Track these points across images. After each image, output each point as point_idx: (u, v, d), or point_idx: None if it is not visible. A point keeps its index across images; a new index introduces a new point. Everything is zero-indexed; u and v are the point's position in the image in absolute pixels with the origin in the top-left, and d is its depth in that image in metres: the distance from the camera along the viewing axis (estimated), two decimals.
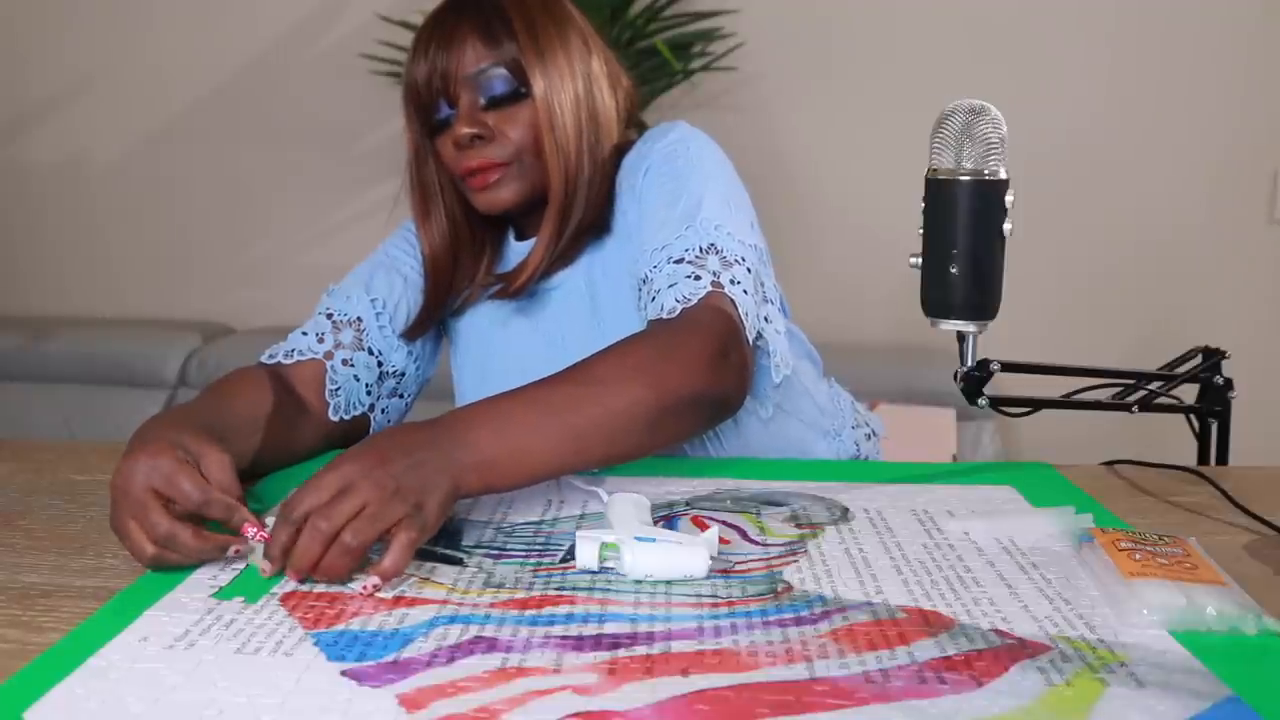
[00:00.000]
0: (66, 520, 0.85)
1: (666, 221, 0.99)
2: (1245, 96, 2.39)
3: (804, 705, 0.56)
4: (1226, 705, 0.56)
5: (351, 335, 1.09)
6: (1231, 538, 0.82)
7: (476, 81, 1.04)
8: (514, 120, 1.04)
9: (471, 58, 1.04)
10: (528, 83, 1.04)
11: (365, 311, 1.10)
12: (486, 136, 1.04)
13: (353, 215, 2.61)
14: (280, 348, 1.08)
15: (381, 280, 1.13)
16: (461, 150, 1.04)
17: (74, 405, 2.43)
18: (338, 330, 1.09)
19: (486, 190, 1.06)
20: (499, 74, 1.04)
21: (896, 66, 2.44)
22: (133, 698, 0.56)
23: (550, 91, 1.04)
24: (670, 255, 0.95)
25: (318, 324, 1.10)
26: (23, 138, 2.71)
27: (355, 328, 1.09)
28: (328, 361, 1.07)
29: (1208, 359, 1.09)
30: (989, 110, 0.88)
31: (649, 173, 1.05)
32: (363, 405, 1.09)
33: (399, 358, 1.12)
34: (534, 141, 1.05)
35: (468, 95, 1.04)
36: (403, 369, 1.13)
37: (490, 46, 1.04)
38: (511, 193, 1.06)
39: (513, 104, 1.04)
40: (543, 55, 1.04)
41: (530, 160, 1.05)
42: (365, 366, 1.09)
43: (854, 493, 0.92)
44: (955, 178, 0.88)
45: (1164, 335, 2.15)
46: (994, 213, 0.89)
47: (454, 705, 0.55)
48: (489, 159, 1.04)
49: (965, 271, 0.90)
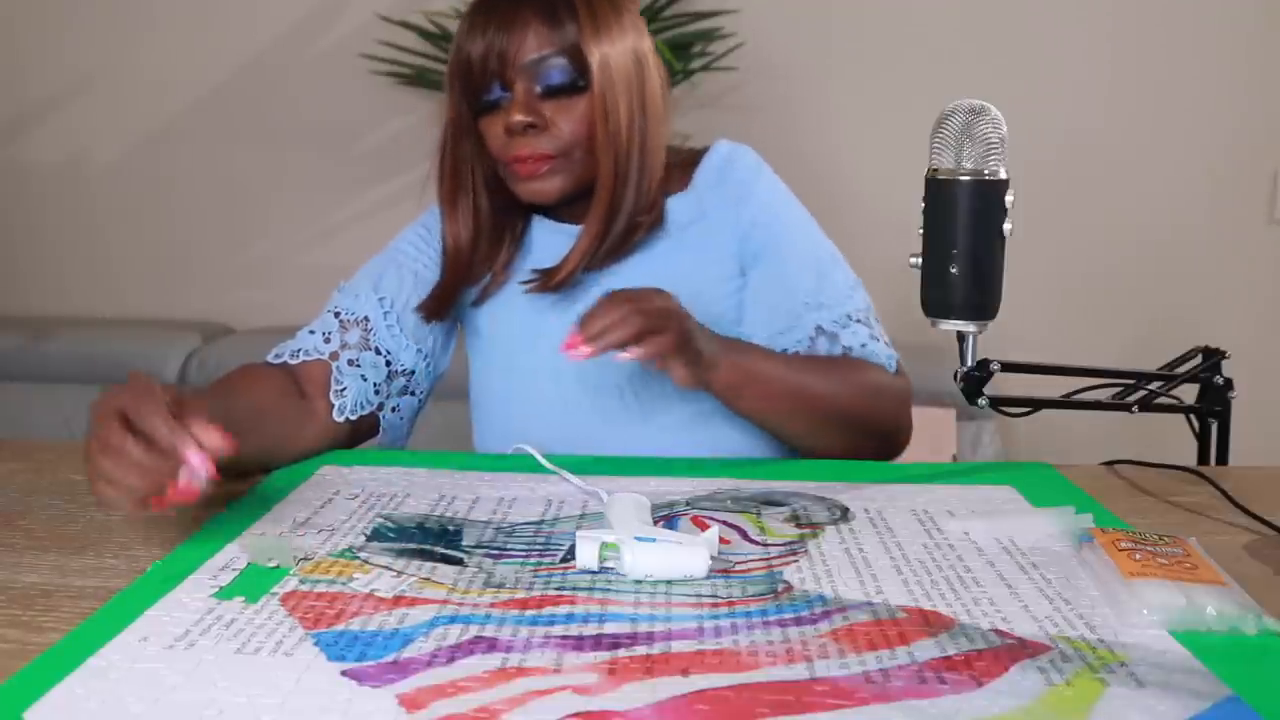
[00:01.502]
0: (66, 520, 0.85)
1: (822, 279, 1.08)
2: (1245, 97, 2.39)
3: (804, 705, 0.56)
4: (1226, 705, 0.56)
5: (358, 335, 1.08)
6: (1231, 538, 0.82)
7: (536, 69, 1.01)
8: (569, 112, 1.02)
9: (533, 43, 1.01)
10: (586, 74, 1.02)
11: (373, 311, 1.09)
12: (540, 126, 1.02)
13: (352, 215, 2.61)
14: (287, 346, 1.07)
15: (391, 278, 1.12)
16: (512, 137, 1.02)
17: (74, 405, 2.42)
18: (345, 330, 1.08)
19: (533, 180, 1.04)
20: (559, 64, 1.01)
21: (897, 66, 2.44)
22: (133, 698, 0.56)
23: (605, 82, 1.02)
24: (850, 314, 1.08)
25: (325, 323, 1.09)
26: (23, 138, 2.71)
27: (362, 327, 1.09)
28: (333, 362, 1.06)
29: (1208, 359, 1.09)
30: (989, 110, 0.88)
31: (762, 226, 1.09)
32: (370, 405, 1.08)
33: (408, 356, 1.11)
34: (587, 135, 1.03)
35: (524, 81, 1.01)
36: (412, 367, 1.11)
37: (553, 31, 1.01)
38: (558, 185, 1.05)
39: (570, 95, 1.02)
40: (601, 43, 1.02)
41: (581, 154, 1.04)
42: (372, 366, 1.08)
43: (854, 493, 0.92)
44: (955, 178, 0.88)
45: (1164, 335, 2.15)
46: (994, 213, 0.89)
47: (454, 705, 0.55)
48: (540, 150, 1.02)
49: (965, 271, 0.90)
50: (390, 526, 0.82)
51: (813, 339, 1.07)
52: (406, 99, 2.49)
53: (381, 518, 0.84)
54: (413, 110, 2.51)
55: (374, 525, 0.83)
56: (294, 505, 0.87)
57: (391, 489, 0.91)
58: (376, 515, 0.85)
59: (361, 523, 0.83)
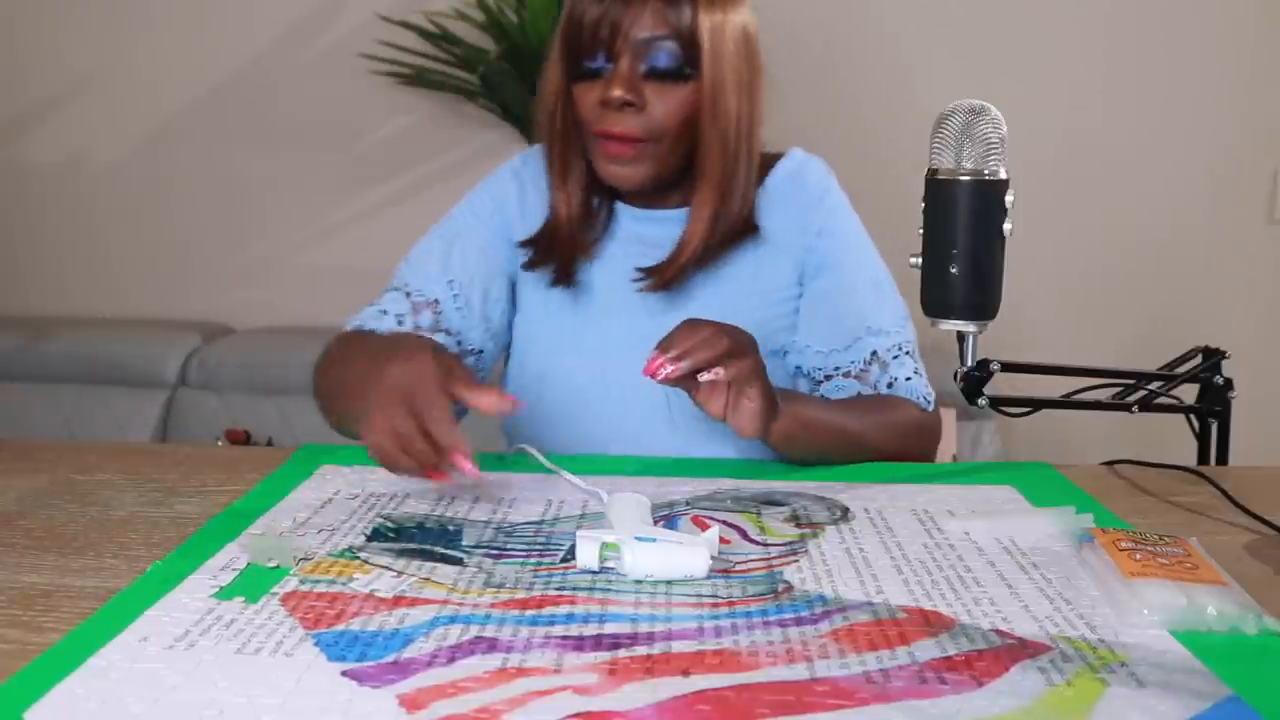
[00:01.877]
0: (66, 520, 0.85)
1: (882, 301, 1.09)
2: (1245, 96, 2.39)
3: (804, 705, 0.56)
4: (1227, 705, 0.56)
5: (430, 318, 1.09)
6: (1232, 538, 0.82)
7: (645, 47, 0.99)
8: (668, 97, 1.01)
9: (648, 21, 0.99)
10: (695, 63, 1.00)
11: (442, 293, 1.09)
12: (638, 106, 1.00)
13: (352, 215, 2.61)
14: (362, 326, 1.08)
15: (457, 257, 1.11)
16: (606, 110, 1.01)
17: (74, 405, 2.42)
18: (416, 312, 1.09)
19: (617, 163, 1.03)
20: (669, 47, 0.99)
21: (896, 66, 2.44)
22: (133, 698, 0.56)
23: (717, 74, 1.01)
24: (902, 346, 1.09)
25: (396, 303, 1.09)
26: (22, 138, 2.71)
27: (433, 309, 1.09)
28: None
29: (1208, 359, 1.09)
30: (989, 110, 0.88)
31: (827, 237, 1.10)
32: None
33: (477, 335, 1.11)
34: (680, 124, 1.02)
35: (630, 58, 1.00)
36: (481, 346, 1.12)
37: (670, 10, 0.99)
38: (641, 173, 1.04)
39: (673, 81, 1.01)
40: (716, 30, 1.00)
41: (669, 142, 1.03)
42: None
43: (854, 492, 0.92)
44: (955, 178, 0.88)
45: (1164, 335, 2.15)
46: (994, 213, 0.89)
47: (454, 706, 0.55)
48: (632, 130, 1.01)
49: (965, 271, 0.90)
50: (390, 526, 0.82)
51: (867, 363, 1.08)
52: (406, 99, 2.49)
53: (381, 518, 0.84)
54: (413, 110, 2.51)
55: (374, 525, 0.83)
56: (294, 505, 0.87)
57: (391, 489, 0.91)
58: (376, 515, 0.85)
59: (361, 523, 0.83)
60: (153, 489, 0.92)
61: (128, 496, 0.91)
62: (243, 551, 0.76)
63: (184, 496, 0.90)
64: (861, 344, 1.08)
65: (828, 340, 1.09)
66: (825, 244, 1.11)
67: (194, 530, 0.81)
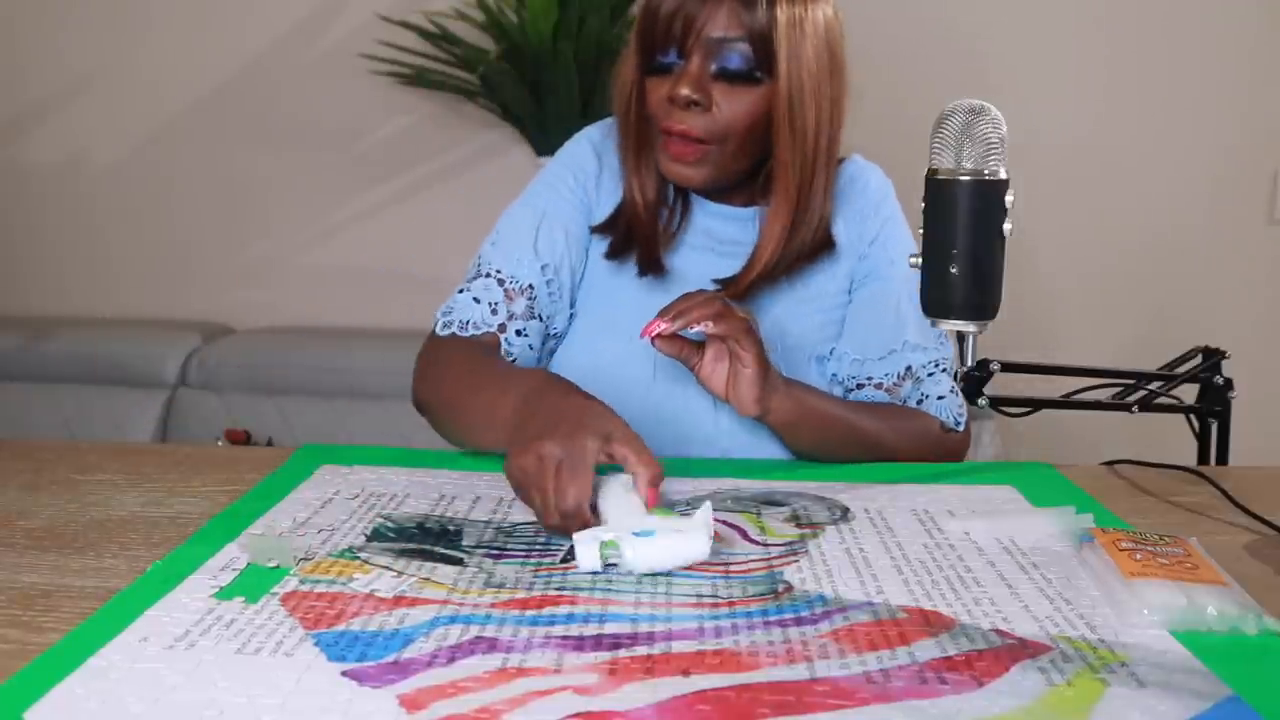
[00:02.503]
0: (66, 520, 0.85)
1: (924, 318, 1.04)
2: (1246, 97, 2.39)
3: (805, 705, 0.56)
4: (1227, 705, 0.56)
5: (524, 304, 1.07)
6: (1232, 538, 0.82)
7: (717, 47, 0.98)
8: (736, 99, 0.99)
9: (722, 20, 0.97)
10: (767, 66, 0.98)
11: (536, 279, 1.07)
12: (704, 106, 0.99)
13: (352, 215, 2.61)
14: (455, 316, 1.06)
15: (545, 239, 1.09)
16: (673, 107, 1.00)
17: (74, 405, 2.42)
18: (510, 299, 1.06)
19: (679, 163, 1.02)
20: (741, 49, 0.97)
21: (896, 66, 2.44)
22: (133, 698, 0.56)
23: (794, 80, 0.99)
24: (938, 363, 1.08)
25: (489, 290, 1.07)
26: (22, 138, 2.71)
27: (528, 295, 1.07)
28: (501, 334, 1.06)
29: (1208, 359, 1.09)
30: (989, 110, 0.88)
31: (879, 245, 1.10)
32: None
33: (562, 320, 1.10)
34: (747, 128, 1.00)
35: (701, 56, 0.98)
36: (563, 330, 1.11)
37: (746, 11, 0.97)
38: (702, 175, 1.02)
39: (743, 84, 0.99)
40: (794, 33, 0.98)
41: (734, 146, 1.01)
42: (537, 334, 1.08)
43: (854, 492, 0.92)
44: (955, 178, 0.88)
45: (1164, 335, 2.15)
46: (994, 213, 0.89)
47: (454, 706, 0.55)
48: (696, 129, 0.99)
49: (965, 271, 0.90)
50: (390, 526, 0.82)
51: (900, 378, 1.08)
52: (406, 99, 2.48)
53: (381, 518, 0.84)
54: (413, 110, 2.51)
55: (374, 525, 0.83)
56: (294, 505, 0.87)
57: (391, 489, 0.91)
58: (376, 515, 0.85)
59: (361, 523, 0.83)
60: (153, 489, 0.92)
61: (128, 496, 0.90)
62: (243, 552, 0.76)
63: (184, 496, 0.90)
64: (896, 357, 1.08)
65: (863, 349, 1.09)
66: (876, 253, 1.11)
67: (194, 530, 0.81)
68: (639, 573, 0.72)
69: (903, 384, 1.08)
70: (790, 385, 1.00)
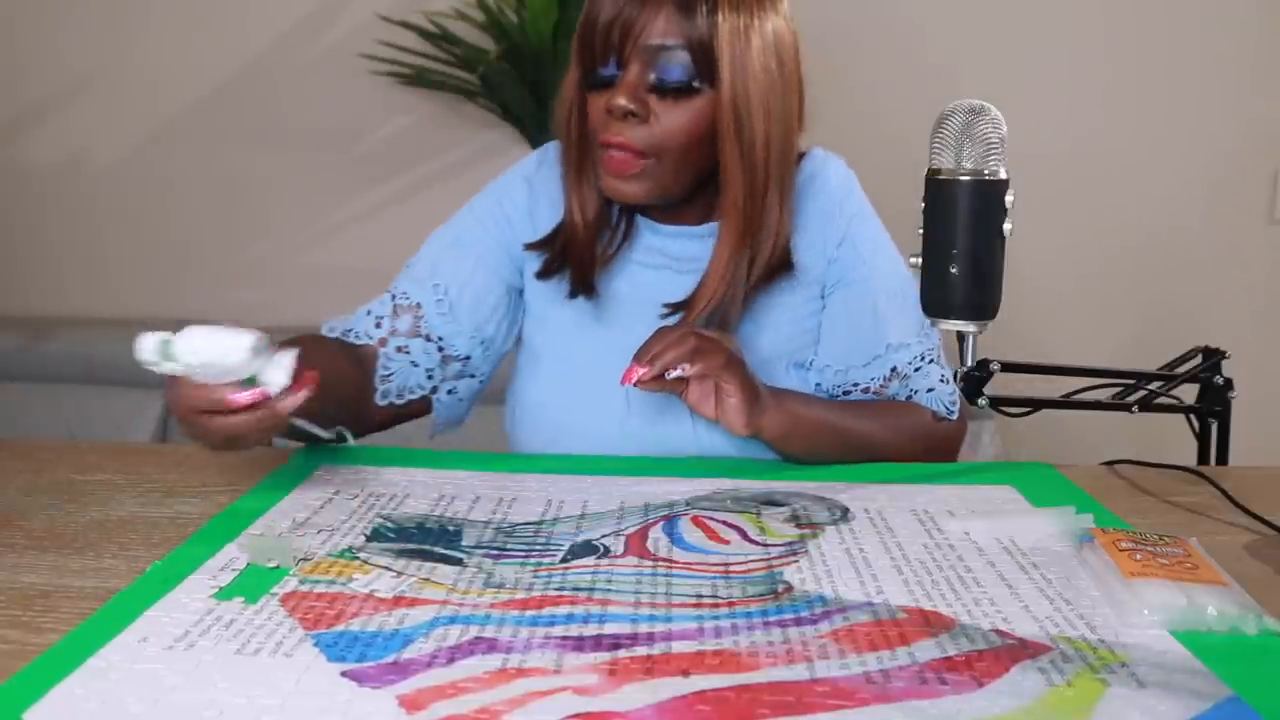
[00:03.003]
0: (66, 520, 0.85)
1: (903, 312, 1.05)
2: (1245, 97, 2.39)
3: (805, 706, 0.55)
4: (1227, 705, 0.56)
5: (409, 321, 1.07)
6: (1232, 538, 0.82)
7: (655, 55, 0.94)
8: (676, 110, 0.95)
9: (660, 27, 0.93)
10: (709, 76, 0.94)
11: (426, 297, 1.07)
12: (641, 117, 0.95)
13: (352, 216, 2.61)
14: (341, 323, 1.08)
15: (449, 262, 1.08)
16: (611, 118, 0.96)
17: (74, 405, 2.42)
18: (397, 315, 1.07)
19: (618, 177, 0.98)
20: (680, 59, 0.93)
21: (896, 66, 2.44)
22: (132, 698, 0.56)
23: (739, 88, 0.95)
24: (924, 355, 1.06)
25: (381, 305, 1.09)
26: (22, 138, 2.71)
27: (414, 314, 1.07)
28: (380, 348, 1.06)
29: (1208, 359, 1.09)
30: (989, 110, 0.88)
31: (849, 246, 1.06)
32: (421, 390, 1.08)
33: (462, 342, 1.08)
34: (687, 140, 0.96)
35: (639, 66, 0.95)
36: (468, 352, 1.09)
37: (684, 18, 0.93)
38: (640, 190, 0.98)
39: (682, 96, 0.95)
40: (738, 39, 0.94)
41: (674, 159, 0.97)
42: (423, 352, 1.07)
43: (854, 492, 0.92)
44: (955, 178, 0.88)
45: (1163, 335, 2.15)
46: (994, 213, 0.89)
47: (454, 706, 0.55)
48: (633, 142, 0.95)
49: (965, 271, 0.90)
50: (390, 527, 0.82)
51: (886, 380, 1.07)
52: (406, 99, 2.48)
53: (381, 518, 0.84)
54: (413, 110, 2.51)
55: (374, 525, 0.83)
56: (293, 505, 0.87)
57: (391, 489, 0.91)
58: (376, 515, 0.85)
59: (361, 523, 0.83)
60: (152, 489, 0.92)
61: (128, 496, 0.90)
62: (242, 552, 0.76)
63: (184, 496, 0.90)
64: (881, 361, 1.06)
65: (845, 359, 1.07)
66: (846, 254, 1.07)
67: (194, 530, 0.81)
68: (188, 362, 0.77)
69: (889, 384, 1.07)
70: (779, 398, 0.99)
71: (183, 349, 0.77)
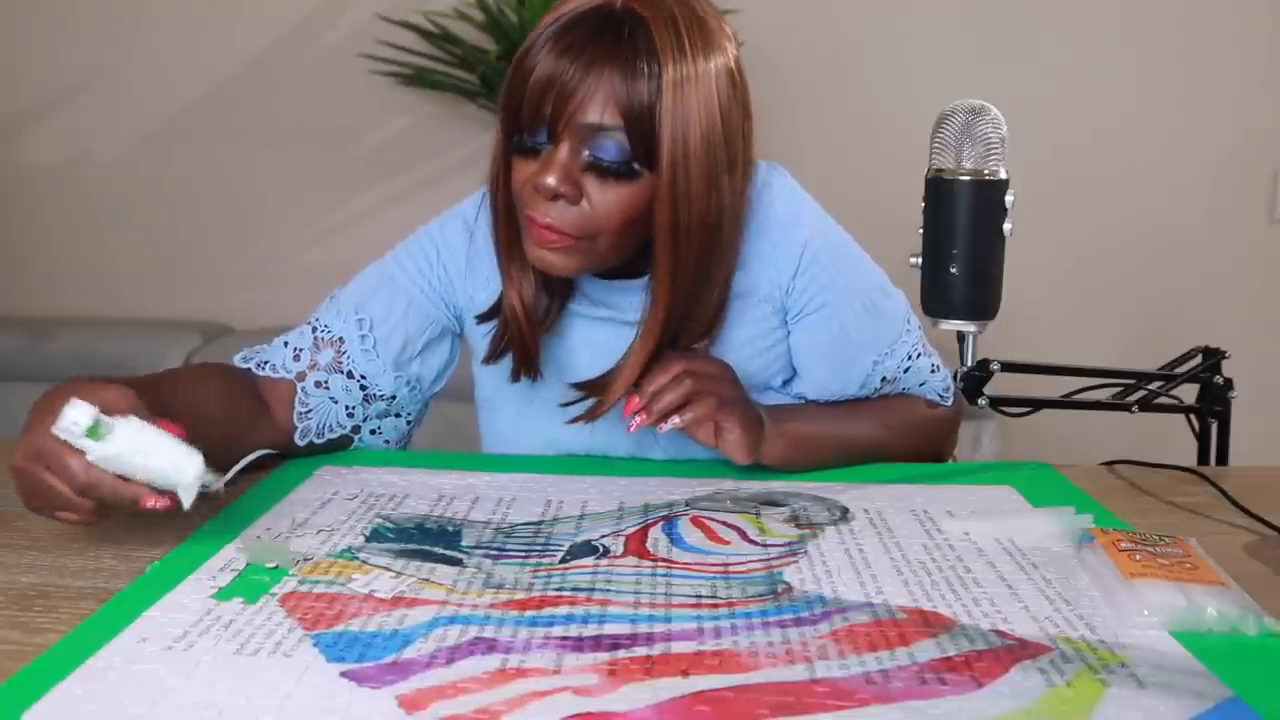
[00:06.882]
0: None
1: (879, 321, 1.02)
2: (1246, 97, 2.39)
3: (804, 706, 0.55)
4: (1227, 706, 0.56)
5: (330, 356, 1.01)
6: (1231, 538, 0.82)
7: (590, 136, 0.84)
8: (610, 193, 0.86)
9: (598, 105, 0.83)
10: (648, 160, 0.85)
11: (349, 332, 1.01)
12: (572, 199, 0.86)
13: (352, 215, 2.61)
14: (256, 354, 1.02)
15: (381, 300, 1.02)
16: (538, 195, 0.86)
17: None
18: (317, 349, 1.01)
19: (545, 247, 0.88)
20: (618, 140, 0.84)
21: (897, 66, 2.44)
22: (131, 699, 0.56)
23: (679, 169, 0.86)
24: (910, 353, 1.04)
25: (301, 337, 1.02)
26: (22, 138, 2.71)
27: (336, 348, 1.01)
28: (299, 383, 1.00)
29: (1208, 359, 1.09)
30: (989, 110, 0.88)
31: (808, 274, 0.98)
32: (341, 428, 1.02)
33: (386, 382, 1.02)
34: (622, 224, 0.87)
35: (572, 143, 0.85)
36: (392, 392, 1.03)
37: (627, 88, 0.83)
38: (572, 265, 0.89)
39: (616, 179, 0.86)
40: (685, 112, 0.85)
41: (608, 241, 0.88)
42: (344, 389, 1.01)
43: (854, 493, 0.91)
44: (955, 178, 0.88)
45: (1163, 335, 2.15)
46: (994, 213, 0.89)
47: (454, 706, 0.55)
48: (561, 224, 0.86)
49: (965, 271, 0.90)
50: (389, 527, 0.82)
51: (877, 389, 1.05)
52: (406, 99, 2.49)
53: (380, 518, 0.84)
54: (413, 110, 2.52)
55: (373, 526, 0.83)
56: (293, 505, 0.87)
57: (391, 489, 0.91)
58: (375, 516, 0.85)
59: (360, 523, 0.83)
60: None
61: None
62: (241, 552, 0.76)
63: None
64: (870, 376, 1.03)
65: (828, 384, 1.03)
66: (803, 284, 0.98)
67: (193, 531, 0.81)
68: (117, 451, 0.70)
69: (882, 389, 1.05)
70: (778, 420, 0.96)
71: (123, 441, 0.71)
